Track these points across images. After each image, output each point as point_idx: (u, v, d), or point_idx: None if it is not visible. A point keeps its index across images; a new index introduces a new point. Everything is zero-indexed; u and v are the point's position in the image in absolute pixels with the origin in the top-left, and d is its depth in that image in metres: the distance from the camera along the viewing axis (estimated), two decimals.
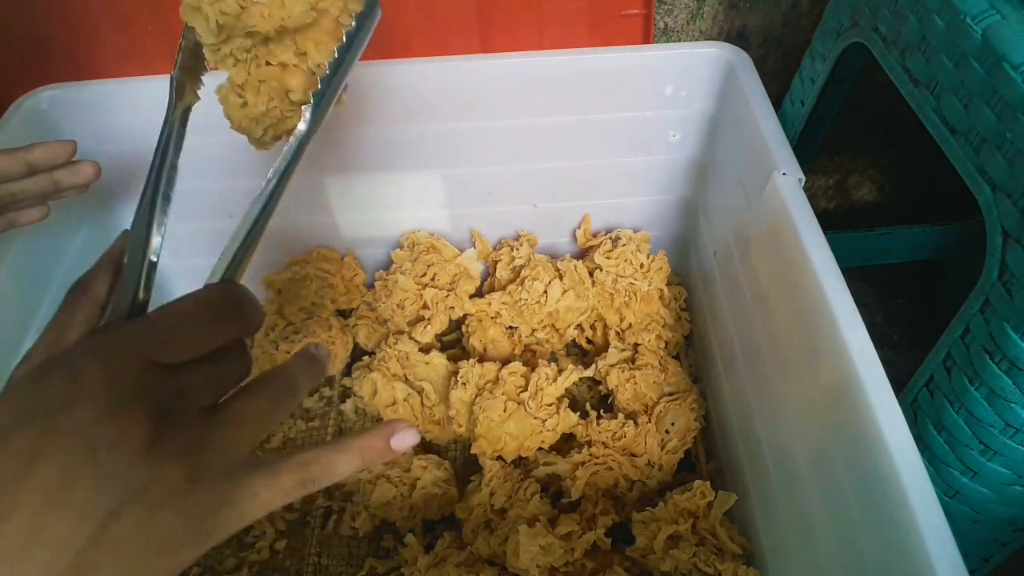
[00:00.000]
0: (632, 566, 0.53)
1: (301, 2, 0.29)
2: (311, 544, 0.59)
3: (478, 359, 0.62)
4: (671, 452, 0.58)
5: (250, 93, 0.32)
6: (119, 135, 0.58)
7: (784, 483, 0.47)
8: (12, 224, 0.44)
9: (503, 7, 0.60)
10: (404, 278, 0.65)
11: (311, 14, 0.30)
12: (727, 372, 0.59)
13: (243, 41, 0.30)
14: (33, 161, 0.42)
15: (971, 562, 0.43)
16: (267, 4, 0.29)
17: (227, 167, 0.61)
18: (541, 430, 0.57)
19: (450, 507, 0.58)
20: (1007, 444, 0.42)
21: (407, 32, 0.61)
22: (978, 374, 0.41)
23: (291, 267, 0.70)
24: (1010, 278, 0.39)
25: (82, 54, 0.60)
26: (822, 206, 0.95)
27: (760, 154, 0.50)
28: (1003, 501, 0.46)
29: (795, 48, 0.76)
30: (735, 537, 0.52)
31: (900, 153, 0.88)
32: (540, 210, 0.69)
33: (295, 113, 0.33)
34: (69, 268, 0.57)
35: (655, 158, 0.64)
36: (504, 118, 0.60)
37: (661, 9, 0.72)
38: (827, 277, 0.41)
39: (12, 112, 0.55)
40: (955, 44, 0.42)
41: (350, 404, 0.66)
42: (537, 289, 0.64)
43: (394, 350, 0.64)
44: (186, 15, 0.30)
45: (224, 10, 0.29)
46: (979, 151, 0.41)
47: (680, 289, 0.70)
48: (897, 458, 0.33)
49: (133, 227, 0.29)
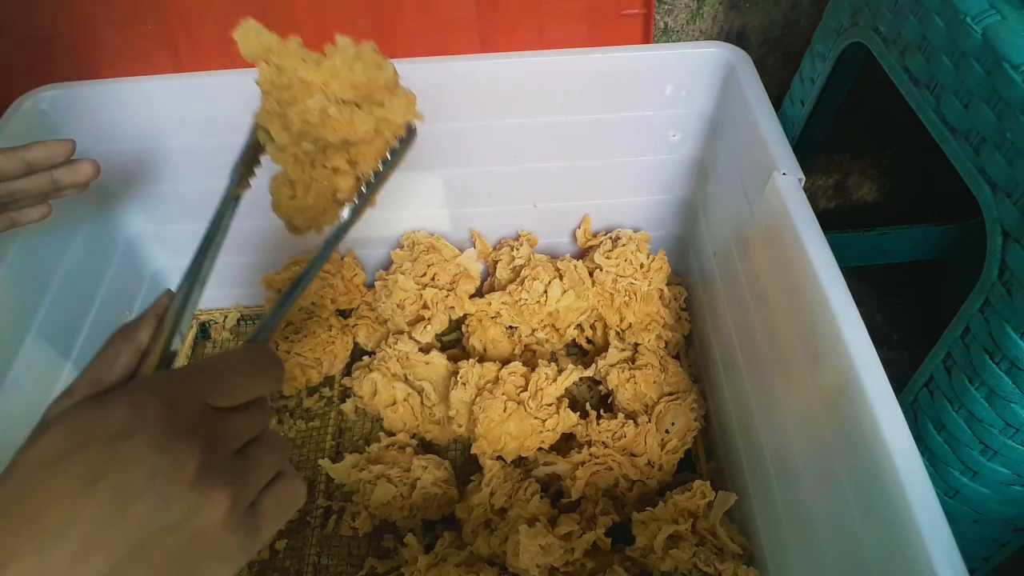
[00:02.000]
0: (632, 566, 0.53)
1: (367, 124, 0.35)
2: (311, 544, 0.59)
3: (478, 359, 0.62)
4: (671, 452, 0.58)
5: (300, 188, 0.37)
6: (119, 135, 0.58)
7: (784, 483, 0.47)
8: (13, 224, 0.44)
9: (503, 7, 0.60)
10: (404, 278, 0.65)
11: (372, 133, 0.36)
12: (727, 372, 0.59)
13: (307, 145, 0.35)
14: (32, 160, 0.42)
15: (971, 562, 0.43)
16: (339, 120, 0.34)
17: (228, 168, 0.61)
18: (541, 430, 0.57)
19: (450, 507, 0.58)
20: (1007, 444, 0.42)
21: (407, 32, 0.61)
22: (978, 374, 0.41)
23: (291, 267, 0.70)
24: (1010, 278, 0.39)
25: (82, 54, 0.60)
26: (822, 206, 0.95)
27: (760, 154, 0.50)
28: (1003, 501, 0.46)
29: (795, 48, 0.76)
30: (735, 537, 0.52)
31: (900, 153, 0.88)
32: (540, 210, 0.69)
33: (334, 210, 0.38)
34: (69, 268, 0.57)
35: (655, 158, 0.64)
36: (504, 118, 0.60)
37: (661, 9, 0.72)
38: (827, 277, 0.41)
39: (12, 112, 0.55)
40: (955, 44, 0.42)
41: (350, 404, 0.66)
42: (537, 289, 0.64)
43: (394, 350, 0.64)
44: (263, 119, 0.35)
45: (307, 119, 0.34)
46: (979, 151, 0.41)
47: (680, 289, 0.70)
48: (897, 458, 0.33)
49: (179, 288, 0.33)
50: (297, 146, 0.35)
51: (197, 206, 0.65)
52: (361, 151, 0.36)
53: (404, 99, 0.37)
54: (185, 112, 0.57)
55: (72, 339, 0.57)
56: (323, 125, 0.34)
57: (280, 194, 0.37)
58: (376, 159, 0.37)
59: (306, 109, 0.34)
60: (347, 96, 0.35)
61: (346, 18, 0.60)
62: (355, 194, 0.37)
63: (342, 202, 0.37)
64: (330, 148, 0.36)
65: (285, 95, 0.34)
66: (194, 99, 0.57)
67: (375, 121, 0.35)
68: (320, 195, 0.37)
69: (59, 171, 0.44)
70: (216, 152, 0.60)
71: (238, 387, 0.28)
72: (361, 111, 0.35)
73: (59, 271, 0.56)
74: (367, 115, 0.35)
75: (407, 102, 0.37)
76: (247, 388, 0.28)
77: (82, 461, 0.23)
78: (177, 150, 0.60)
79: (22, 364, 0.51)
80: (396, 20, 0.60)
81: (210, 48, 0.60)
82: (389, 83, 0.36)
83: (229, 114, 0.57)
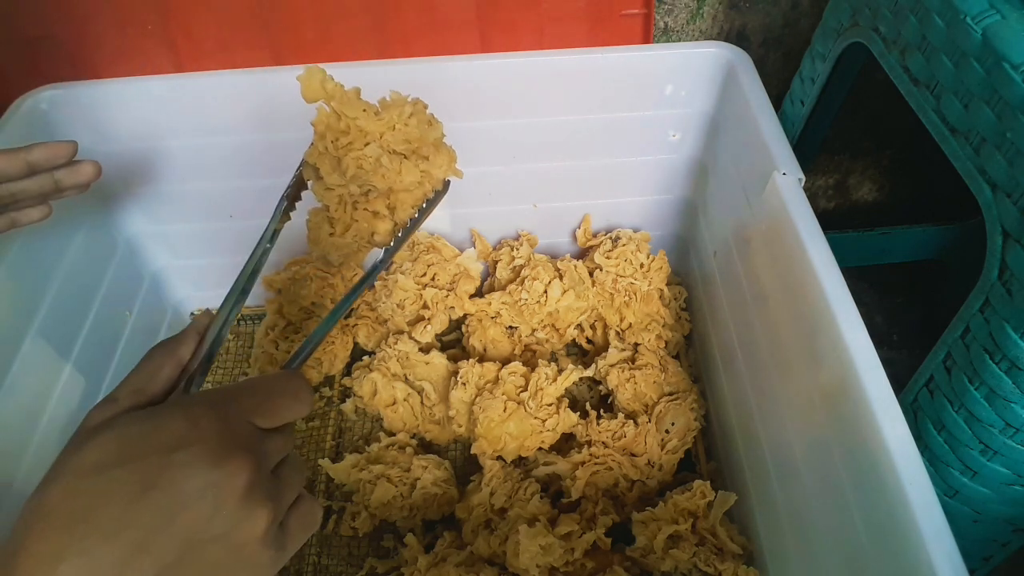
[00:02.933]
0: (632, 566, 0.53)
1: (413, 175, 0.38)
2: (311, 544, 0.59)
3: (478, 359, 0.62)
4: (671, 452, 0.58)
5: (340, 227, 0.40)
6: (119, 135, 0.58)
7: (784, 483, 0.47)
8: (13, 224, 0.44)
9: (503, 7, 0.60)
10: (404, 278, 0.65)
11: (415, 184, 0.39)
12: (727, 372, 0.59)
13: (354, 188, 0.38)
14: (33, 161, 0.42)
15: (971, 562, 0.43)
16: (390, 169, 0.37)
17: (228, 168, 0.61)
18: (541, 430, 0.57)
19: (450, 507, 0.58)
20: (1007, 444, 0.42)
21: (407, 32, 0.61)
22: (978, 374, 0.41)
23: (291, 267, 0.70)
24: (1010, 278, 0.39)
25: (82, 54, 0.60)
26: (822, 206, 0.95)
27: (760, 154, 0.50)
28: (1003, 501, 0.46)
29: (795, 48, 0.76)
30: (735, 537, 0.52)
31: (900, 153, 0.88)
32: (540, 210, 0.69)
33: (367, 250, 0.41)
34: (69, 268, 0.57)
35: (655, 158, 0.64)
36: (504, 118, 0.60)
37: (661, 9, 0.72)
38: (827, 277, 0.41)
39: (12, 112, 0.55)
40: (955, 44, 0.42)
41: (350, 404, 0.66)
42: (537, 289, 0.64)
43: (394, 350, 0.64)
44: (313, 158, 0.37)
45: (362, 165, 0.37)
46: (979, 151, 0.41)
47: (680, 289, 0.70)
48: (897, 458, 0.33)
49: (220, 309, 0.35)
50: (345, 188, 0.38)
51: (197, 206, 0.65)
52: (400, 198, 0.39)
53: (447, 156, 0.40)
54: (185, 112, 0.57)
55: (72, 339, 0.57)
56: (374, 172, 0.37)
57: (320, 230, 0.41)
58: (413, 208, 0.40)
59: (362, 156, 0.36)
60: (399, 148, 0.37)
61: (346, 17, 0.60)
62: (391, 238, 0.40)
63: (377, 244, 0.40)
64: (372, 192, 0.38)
65: (342, 140, 0.36)
66: (194, 99, 0.57)
67: (420, 173, 0.39)
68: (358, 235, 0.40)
69: (60, 172, 0.44)
70: (216, 152, 0.60)
71: (280, 410, 0.29)
72: (409, 163, 0.38)
73: (59, 271, 0.56)
74: (414, 167, 0.38)
75: (449, 160, 0.40)
76: (286, 412, 0.30)
77: (136, 469, 0.24)
78: (177, 150, 0.60)
79: (22, 364, 0.51)
80: (396, 19, 0.60)
81: (210, 48, 0.60)
82: (437, 140, 0.39)
83: (229, 114, 0.58)
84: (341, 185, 0.38)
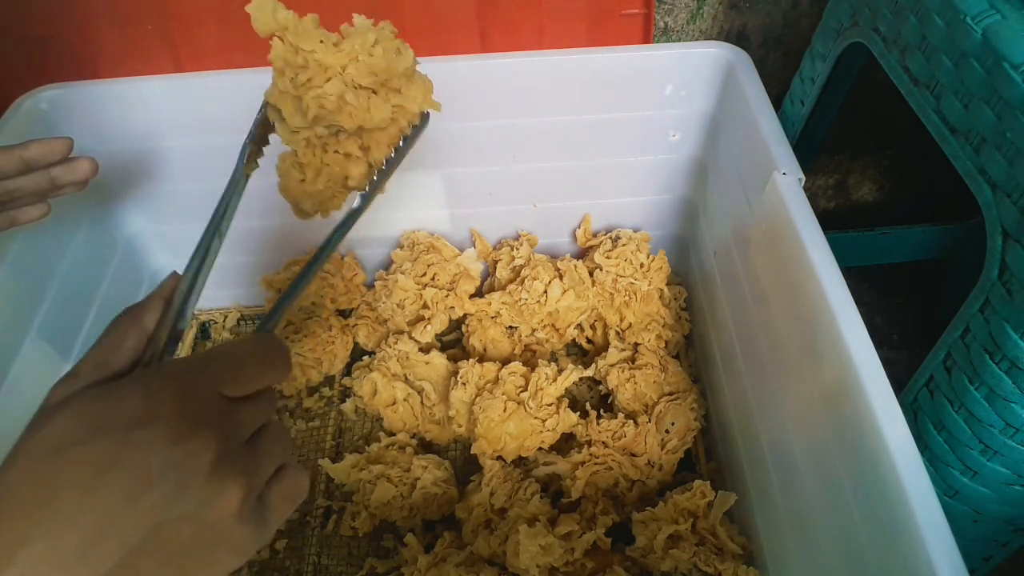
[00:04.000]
0: (632, 566, 0.53)
1: (384, 111, 0.34)
2: (311, 544, 0.59)
3: (478, 359, 0.62)
4: (671, 452, 0.58)
5: (311, 172, 0.36)
6: (119, 135, 0.58)
7: (784, 483, 0.47)
8: (12, 223, 0.44)
9: (503, 7, 0.60)
10: (404, 278, 0.65)
11: (387, 120, 0.35)
12: (727, 372, 0.59)
13: (321, 130, 0.34)
14: (29, 158, 0.42)
15: (971, 562, 0.43)
16: (356, 107, 0.33)
17: (228, 168, 0.61)
18: (541, 430, 0.57)
19: (450, 507, 0.58)
20: (1007, 444, 0.42)
21: (407, 32, 0.60)
22: (978, 374, 0.41)
23: (291, 267, 0.70)
24: (1010, 278, 0.39)
25: (82, 54, 0.60)
26: (822, 206, 0.95)
27: (760, 154, 0.50)
28: (1003, 501, 0.46)
29: (795, 48, 0.76)
30: (735, 537, 0.52)
31: (900, 153, 0.88)
32: (540, 210, 0.69)
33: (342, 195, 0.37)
34: (69, 268, 0.57)
35: (655, 158, 0.64)
36: (504, 118, 0.60)
37: (661, 9, 0.72)
38: (827, 277, 0.41)
39: (12, 112, 0.55)
40: (955, 44, 0.42)
41: (350, 404, 0.66)
42: (537, 289, 0.64)
43: (394, 350, 0.64)
44: (273, 97, 0.34)
45: (324, 104, 0.33)
46: (979, 151, 0.41)
47: (680, 289, 0.70)
48: (897, 458, 0.33)
49: (186, 270, 0.32)
50: (310, 130, 0.34)
51: (197, 206, 0.65)
52: (374, 137, 0.35)
53: (422, 86, 0.36)
54: (185, 112, 0.57)
55: (72, 339, 0.57)
56: (339, 111, 0.33)
57: (289, 176, 0.36)
58: (389, 146, 0.36)
59: (323, 94, 0.33)
60: (365, 82, 0.33)
61: (346, 17, 0.60)
62: (366, 181, 0.36)
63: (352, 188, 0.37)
64: (343, 133, 0.35)
65: (300, 76, 0.33)
66: (194, 99, 0.57)
67: (392, 108, 0.34)
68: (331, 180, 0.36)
69: (57, 169, 0.44)
70: (216, 152, 0.60)
71: (250, 377, 0.28)
72: (378, 97, 0.34)
73: (59, 271, 0.56)
74: (384, 102, 0.34)
75: (424, 90, 0.36)
76: (259, 378, 0.28)
77: (95, 448, 0.23)
78: (177, 150, 0.60)
79: (22, 364, 0.51)
80: (396, 19, 0.59)
81: (210, 48, 0.60)
82: (408, 70, 0.35)
83: (229, 114, 0.57)
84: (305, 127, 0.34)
